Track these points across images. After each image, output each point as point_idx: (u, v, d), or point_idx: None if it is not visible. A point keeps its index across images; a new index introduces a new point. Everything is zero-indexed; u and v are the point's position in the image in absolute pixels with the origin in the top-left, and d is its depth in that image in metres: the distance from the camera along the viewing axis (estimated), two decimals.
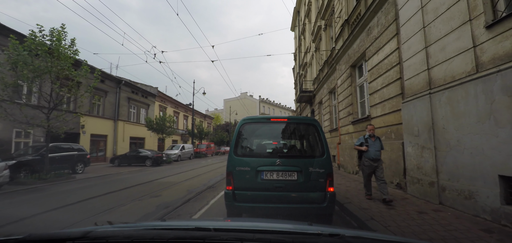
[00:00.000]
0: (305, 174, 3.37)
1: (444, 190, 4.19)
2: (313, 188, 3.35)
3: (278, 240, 1.01)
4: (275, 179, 3.39)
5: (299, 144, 4.23)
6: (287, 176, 3.39)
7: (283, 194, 3.36)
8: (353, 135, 8.85)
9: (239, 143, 3.65)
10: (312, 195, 3.35)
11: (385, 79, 6.32)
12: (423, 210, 3.98)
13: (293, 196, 3.37)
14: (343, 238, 1.02)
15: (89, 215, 4.57)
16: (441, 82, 4.28)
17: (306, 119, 3.98)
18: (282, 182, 3.37)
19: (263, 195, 3.38)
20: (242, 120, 3.78)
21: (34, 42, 9.24)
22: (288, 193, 3.37)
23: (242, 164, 3.50)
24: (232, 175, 3.50)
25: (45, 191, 7.42)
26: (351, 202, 4.74)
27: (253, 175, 3.42)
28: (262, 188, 3.39)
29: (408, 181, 5.23)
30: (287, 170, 3.40)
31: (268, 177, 3.40)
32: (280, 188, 3.36)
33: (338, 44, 10.37)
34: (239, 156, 3.56)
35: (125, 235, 1.07)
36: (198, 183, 8.40)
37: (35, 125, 9.80)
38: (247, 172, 3.44)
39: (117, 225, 1.32)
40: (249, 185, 3.42)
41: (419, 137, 4.77)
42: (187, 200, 5.64)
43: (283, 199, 3.35)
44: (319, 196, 3.33)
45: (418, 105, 4.81)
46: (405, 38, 5.29)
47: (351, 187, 6.32)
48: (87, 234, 1.02)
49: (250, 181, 3.42)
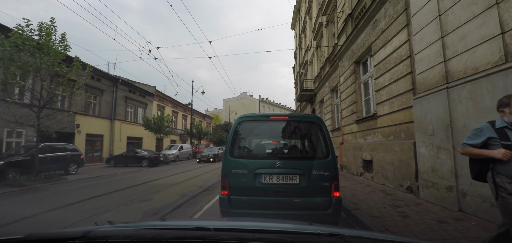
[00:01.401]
0: (308, 177, 3.02)
1: (465, 196, 3.73)
2: (317, 192, 3.00)
3: (278, 239, 1.00)
4: (275, 183, 3.04)
5: (301, 144, 3.88)
6: (288, 180, 3.05)
7: (284, 200, 3.01)
8: (357, 134, 8.39)
9: (236, 143, 3.28)
10: (316, 201, 2.99)
11: (394, 75, 5.86)
12: (443, 219, 3.52)
13: (295, 202, 3.00)
14: (343, 237, 1.01)
15: (61, 226, 3.99)
16: (460, 75, 3.82)
17: (309, 117, 3.58)
18: (283, 186, 3.03)
19: (261, 201, 3.03)
20: (239, 118, 3.42)
21: (21, 36, 8.79)
22: (290, 198, 3.01)
23: (238, 166, 3.13)
24: (227, 178, 3.11)
25: (24, 194, 6.91)
26: (359, 208, 4.29)
27: (251, 178, 3.07)
28: (261, 193, 3.04)
29: (420, 185, 4.77)
30: (288, 173, 3.06)
31: (267, 180, 3.06)
32: (281, 192, 3.02)
33: (340, 40, 9.92)
34: (235, 157, 3.18)
35: (125, 235, 1.06)
36: (193, 185, 7.94)
37: (24, 124, 9.34)
38: (244, 175, 3.08)
39: (117, 224, 1.32)
40: (246, 189, 3.07)
41: (435, 136, 4.31)
42: (179, 205, 5.18)
43: (284, 205, 3.00)
44: (323, 201, 2.98)
45: (433, 101, 4.35)
46: (417, 29, 4.83)
47: (358, 190, 5.86)
48: (87, 233, 1.02)
49: (248, 185, 3.06)
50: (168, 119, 22.69)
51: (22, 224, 4.11)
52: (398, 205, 4.35)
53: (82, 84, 10.68)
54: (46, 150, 11.38)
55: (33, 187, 8.09)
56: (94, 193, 6.74)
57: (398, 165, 5.67)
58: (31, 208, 5.27)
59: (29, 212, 4.85)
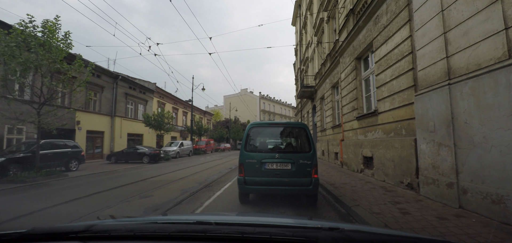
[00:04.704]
0: (297, 164, 4.41)
1: (466, 193, 3.72)
2: (302, 174, 4.37)
3: (278, 233, 1.00)
4: (275, 168, 4.45)
5: (292, 142, 5.04)
6: (284, 166, 4.44)
7: (280, 179, 4.39)
8: (357, 131, 8.38)
9: (248, 142, 4.69)
10: (301, 180, 4.37)
11: (395, 71, 5.82)
12: (443, 215, 3.52)
13: (287, 181, 4.38)
14: (343, 231, 1.01)
15: (62, 222, 4.00)
16: (463, 71, 3.79)
17: (298, 124, 4.97)
18: (280, 170, 4.43)
19: (265, 180, 4.42)
20: (250, 125, 4.88)
21: (23, 33, 8.75)
22: (284, 178, 4.39)
23: (250, 157, 4.54)
24: (243, 165, 4.54)
25: (26, 191, 6.94)
26: (360, 204, 4.29)
27: (259, 165, 4.47)
28: (265, 175, 4.43)
29: (421, 181, 4.77)
30: (283, 162, 4.44)
31: (269, 167, 4.46)
32: (278, 174, 4.41)
33: (342, 36, 9.85)
34: (248, 151, 4.62)
35: (128, 228, 1.07)
36: (193, 181, 7.95)
37: (24, 120, 9.34)
38: (254, 163, 4.49)
39: (120, 219, 1.33)
40: (256, 172, 4.46)
41: (436, 133, 4.29)
42: (179, 202, 5.18)
43: (280, 183, 4.38)
44: (306, 180, 4.36)
45: (434, 97, 4.32)
46: (419, 25, 4.78)
47: (358, 187, 5.86)
48: (90, 227, 1.03)
49: (256, 169, 4.47)
50: (168, 116, 22.69)
51: (23, 220, 4.13)
52: (399, 202, 4.35)
53: (83, 82, 10.65)
54: (47, 147, 11.40)
55: (34, 183, 8.12)
56: (95, 189, 6.76)
57: (398, 161, 5.66)
58: (32, 204, 5.29)
59: (30, 208, 4.87)
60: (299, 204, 4.81)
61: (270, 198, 5.16)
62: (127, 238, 1.02)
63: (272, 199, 5.14)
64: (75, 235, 1.00)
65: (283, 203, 4.84)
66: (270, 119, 62.94)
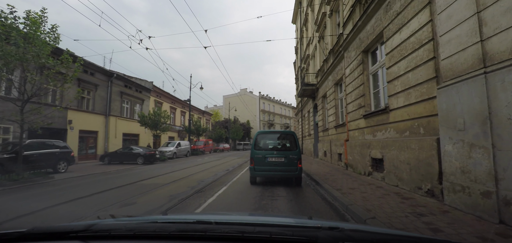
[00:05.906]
0: (288, 158, 6.62)
1: (509, 205, 3.04)
2: (291, 165, 6.58)
3: (278, 233, 1.01)
4: (274, 161, 6.67)
5: (285, 144, 7.10)
6: (279, 159, 6.66)
7: (277, 168, 6.65)
8: (365, 130, 7.70)
9: (256, 143, 6.93)
10: (291, 168, 6.58)
11: (411, 62, 5.15)
12: (485, 235, 2.83)
13: (282, 168, 6.63)
14: (343, 231, 1.00)
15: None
16: (504, 57, 3.11)
17: (289, 132, 7.44)
18: (277, 162, 6.66)
19: (267, 168, 6.69)
20: (258, 132, 7.33)
21: (3, 24, 8.08)
22: (279, 167, 6.63)
23: (257, 153, 6.78)
24: (253, 159, 6.79)
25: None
26: (376, 216, 3.61)
27: (263, 159, 6.70)
28: (267, 165, 6.68)
29: (445, 188, 4.08)
30: (279, 156, 6.70)
31: (270, 159, 6.68)
32: (276, 164, 6.65)
33: (347, 29, 9.17)
34: (256, 149, 6.84)
35: (128, 228, 1.08)
36: (185, 185, 7.27)
37: (4, 118, 8.66)
38: (260, 157, 6.73)
39: (120, 218, 1.36)
40: (261, 162, 6.71)
41: (466, 132, 3.61)
42: (164, 212, 4.49)
43: (277, 170, 6.66)
44: (294, 168, 6.57)
45: (464, 89, 3.65)
46: (443, 6, 4.10)
47: (368, 193, 5.18)
48: (90, 227, 1.05)
49: (261, 161, 6.71)
50: (165, 115, 21.98)
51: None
52: (422, 213, 3.66)
53: (71, 77, 9.95)
54: (34, 147, 10.73)
55: (7, 187, 7.36)
56: (72, 196, 6.05)
57: (415, 164, 4.98)
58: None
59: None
60: (289, 184, 7.01)
61: (270, 181, 7.42)
62: (127, 238, 1.03)
63: (271, 182, 7.40)
64: (75, 234, 1.02)
65: (278, 183, 7.11)
66: (270, 119, 62.45)
